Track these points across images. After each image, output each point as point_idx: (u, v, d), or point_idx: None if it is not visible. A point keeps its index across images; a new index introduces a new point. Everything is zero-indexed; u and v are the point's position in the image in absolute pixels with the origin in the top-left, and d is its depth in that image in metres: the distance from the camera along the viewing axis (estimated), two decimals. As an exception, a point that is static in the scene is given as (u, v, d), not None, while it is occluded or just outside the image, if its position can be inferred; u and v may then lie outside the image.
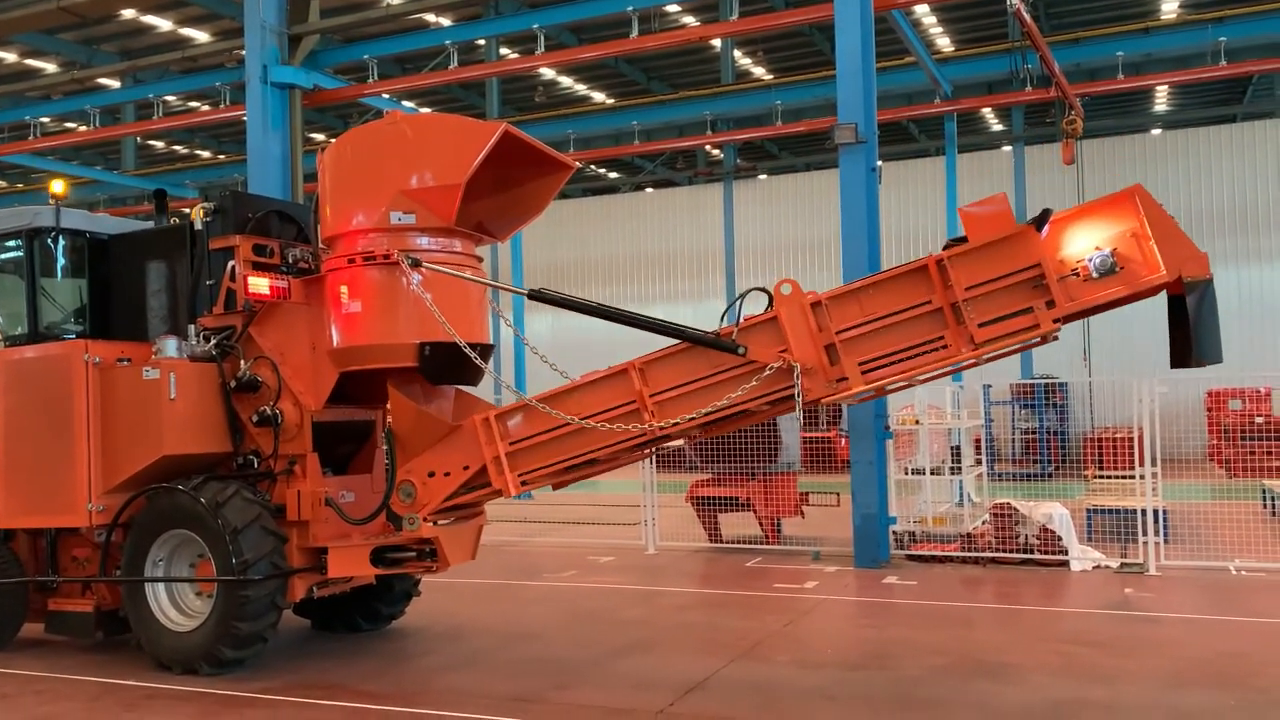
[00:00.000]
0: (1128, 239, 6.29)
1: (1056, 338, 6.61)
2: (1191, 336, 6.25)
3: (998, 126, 33.99)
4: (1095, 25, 26.26)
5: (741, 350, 6.86)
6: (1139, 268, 6.27)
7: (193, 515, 7.90)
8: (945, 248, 6.65)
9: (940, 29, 27.98)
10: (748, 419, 7.56)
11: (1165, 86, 29.17)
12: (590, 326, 23.73)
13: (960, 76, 24.73)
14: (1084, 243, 6.39)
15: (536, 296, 7.69)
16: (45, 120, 26.60)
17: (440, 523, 7.81)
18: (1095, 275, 6.30)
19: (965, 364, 6.87)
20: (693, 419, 7.03)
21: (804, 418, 14.83)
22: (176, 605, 8.19)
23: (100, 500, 8.22)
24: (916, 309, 6.63)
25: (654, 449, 8.37)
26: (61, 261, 9.08)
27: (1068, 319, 6.52)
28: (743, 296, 7.05)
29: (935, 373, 6.91)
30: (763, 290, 7.04)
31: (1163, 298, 6.61)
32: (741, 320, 6.99)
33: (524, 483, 7.51)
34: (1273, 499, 15.12)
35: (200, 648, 7.85)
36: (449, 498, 7.65)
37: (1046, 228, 6.43)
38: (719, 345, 6.95)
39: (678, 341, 7.18)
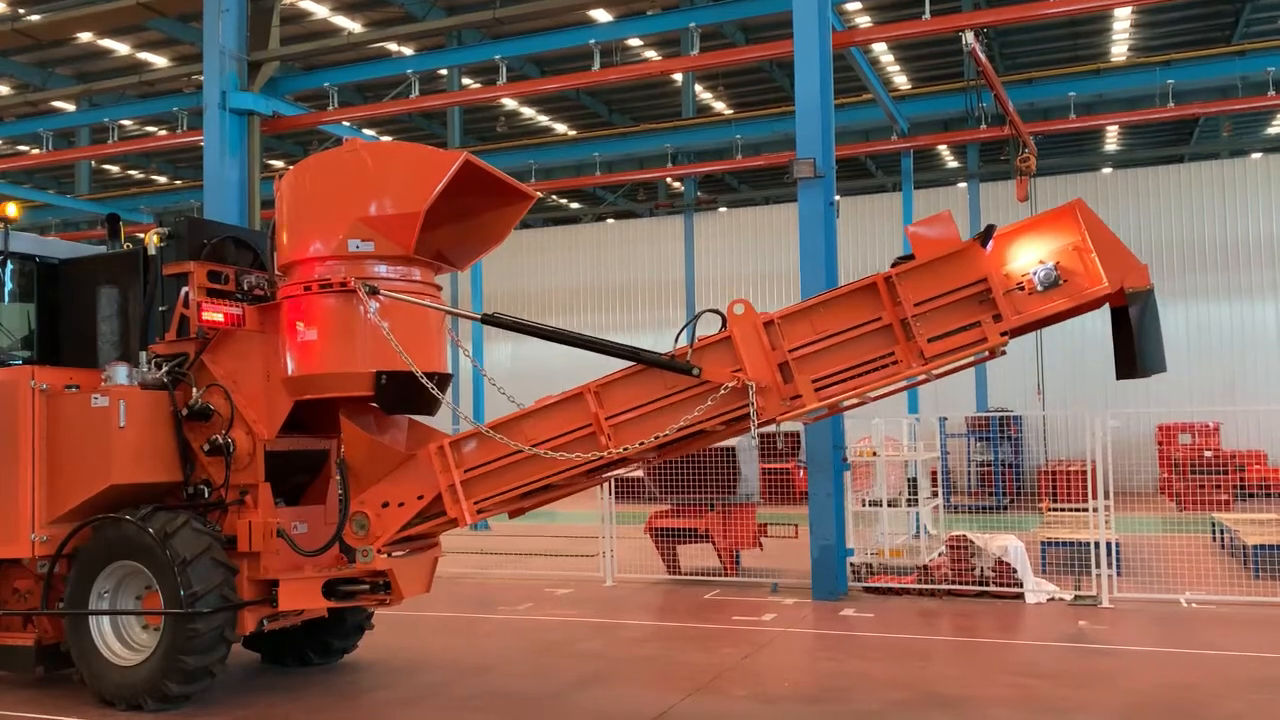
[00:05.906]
0: (1070, 252, 6.43)
1: (1004, 351, 6.69)
2: (1136, 347, 6.38)
3: (953, 163, 34.57)
4: (1048, 66, 26.89)
5: (696, 371, 6.86)
6: (1082, 280, 6.40)
7: (140, 546, 7.73)
8: (894, 265, 6.75)
9: (897, 67, 28.50)
10: (705, 440, 7.56)
11: (1115, 126, 29.88)
12: (550, 355, 23.58)
13: (917, 114, 25.14)
14: (1028, 257, 6.51)
15: (490, 321, 7.66)
16: (-3, 143, 26.26)
17: (394, 554, 7.70)
18: (1040, 288, 6.41)
19: (917, 379, 6.98)
20: (649, 442, 7.01)
21: (762, 449, 14.92)
22: (122, 639, 7.98)
23: (44, 530, 8.01)
24: (867, 325, 6.72)
25: (613, 474, 8.32)
26: (9, 285, 8.91)
27: (1015, 332, 6.61)
28: (697, 318, 7.06)
29: (888, 388, 6.97)
30: (716, 312, 7.06)
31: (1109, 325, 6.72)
32: (696, 341, 6.99)
33: (480, 510, 7.42)
34: (1222, 532, 15.34)
35: (146, 683, 7.65)
36: (403, 528, 7.54)
37: (991, 243, 6.55)
38: (673, 367, 6.94)
39: (633, 364, 7.17)
